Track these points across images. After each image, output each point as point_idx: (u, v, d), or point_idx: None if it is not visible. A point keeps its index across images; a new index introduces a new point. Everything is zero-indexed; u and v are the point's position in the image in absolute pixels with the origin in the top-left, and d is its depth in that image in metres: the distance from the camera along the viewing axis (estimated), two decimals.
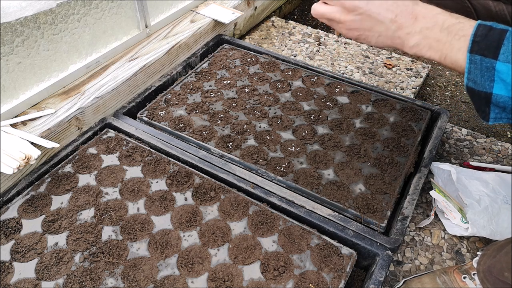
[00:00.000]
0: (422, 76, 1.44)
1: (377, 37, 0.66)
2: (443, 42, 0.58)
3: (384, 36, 0.65)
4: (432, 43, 0.60)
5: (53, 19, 1.04)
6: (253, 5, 1.61)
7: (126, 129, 1.10)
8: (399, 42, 0.64)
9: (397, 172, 1.02)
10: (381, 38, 0.66)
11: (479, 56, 0.53)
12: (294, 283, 0.80)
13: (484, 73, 0.54)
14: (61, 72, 1.12)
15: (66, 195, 0.94)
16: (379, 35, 0.65)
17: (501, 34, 0.53)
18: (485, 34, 0.54)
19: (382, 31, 0.65)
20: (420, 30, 0.61)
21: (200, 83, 1.27)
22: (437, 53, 0.59)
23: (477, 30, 0.55)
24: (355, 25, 0.67)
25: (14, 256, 0.83)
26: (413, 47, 0.62)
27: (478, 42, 0.54)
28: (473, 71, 0.54)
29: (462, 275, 0.83)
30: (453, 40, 0.57)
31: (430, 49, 0.60)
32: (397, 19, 0.63)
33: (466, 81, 0.56)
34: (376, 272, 0.82)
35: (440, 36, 0.59)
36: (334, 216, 0.91)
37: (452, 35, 0.57)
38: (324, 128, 1.14)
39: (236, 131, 1.11)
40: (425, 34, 0.60)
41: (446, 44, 0.58)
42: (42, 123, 1.02)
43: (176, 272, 0.81)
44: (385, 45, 0.66)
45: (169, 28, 1.38)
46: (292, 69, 1.34)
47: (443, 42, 0.58)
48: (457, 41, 0.57)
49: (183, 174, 0.99)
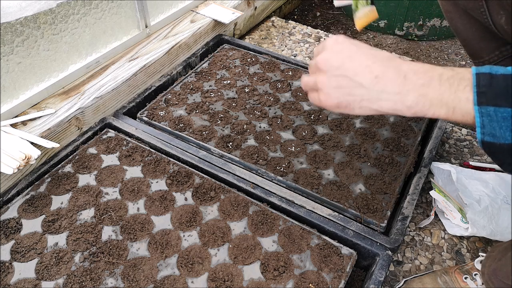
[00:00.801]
0: None
1: (359, 102, 0.56)
2: (446, 96, 0.52)
3: (368, 100, 0.56)
4: (433, 100, 0.52)
5: (53, 19, 1.04)
6: (253, 5, 1.61)
7: (126, 129, 1.10)
8: (389, 106, 0.55)
9: (397, 172, 1.02)
10: (364, 103, 0.56)
11: (492, 107, 0.48)
12: (294, 283, 0.80)
13: (502, 124, 0.48)
14: (61, 72, 1.12)
15: (66, 195, 0.94)
16: (361, 99, 0.56)
17: (506, 80, 0.48)
18: (489, 84, 0.49)
19: (364, 94, 0.56)
20: (414, 87, 0.53)
21: (200, 83, 1.27)
22: (443, 109, 0.52)
23: (478, 80, 0.50)
24: (332, 90, 0.57)
25: (14, 256, 0.83)
26: (410, 107, 0.54)
27: (484, 92, 0.49)
28: (488, 124, 0.49)
29: (463, 275, 0.83)
30: (457, 91, 0.51)
31: (432, 106, 0.53)
32: (380, 79, 0.54)
33: (480, 136, 0.50)
34: (376, 272, 0.82)
35: (441, 90, 0.52)
36: (334, 216, 0.91)
37: (455, 86, 0.51)
38: (324, 128, 1.14)
39: (236, 131, 1.11)
40: (421, 92, 0.53)
41: (451, 97, 0.51)
42: (42, 123, 1.02)
43: (176, 272, 0.81)
44: (373, 111, 0.57)
45: (169, 28, 1.38)
46: (292, 69, 1.34)
47: (447, 96, 0.52)
48: (462, 92, 0.51)
49: (183, 174, 0.99)
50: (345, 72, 0.56)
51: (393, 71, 0.54)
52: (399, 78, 0.54)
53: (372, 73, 0.55)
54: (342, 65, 0.56)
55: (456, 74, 0.52)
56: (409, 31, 1.76)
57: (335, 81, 0.57)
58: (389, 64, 0.55)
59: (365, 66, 0.55)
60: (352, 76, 0.56)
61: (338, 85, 0.57)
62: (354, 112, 0.57)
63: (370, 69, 0.55)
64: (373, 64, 0.55)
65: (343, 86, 0.57)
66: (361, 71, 0.55)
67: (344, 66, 0.56)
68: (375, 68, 0.55)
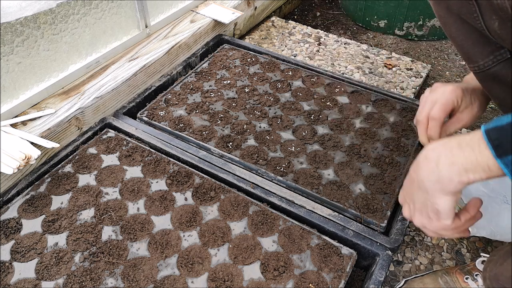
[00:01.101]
0: (422, 76, 1.44)
1: (429, 205, 0.65)
2: (474, 158, 0.56)
3: (429, 200, 0.65)
4: (465, 165, 0.58)
5: (53, 19, 1.04)
6: (253, 5, 1.61)
7: (126, 129, 1.10)
8: (440, 189, 0.62)
9: (397, 172, 1.02)
10: (429, 203, 0.65)
11: (511, 155, 0.53)
12: (294, 283, 0.80)
13: None
14: (61, 72, 1.12)
15: (66, 195, 0.94)
16: (426, 202, 0.66)
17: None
18: (499, 136, 0.54)
19: (424, 198, 0.66)
20: (444, 165, 0.60)
21: (200, 83, 1.27)
22: (479, 171, 0.57)
23: (488, 136, 0.54)
24: (414, 206, 0.68)
25: (14, 256, 0.83)
26: (452, 180, 0.60)
27: (499, 145, 0.54)
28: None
29: (464, 275, 0.83)
30: (481, 151, 0.56)
31: (468, 171, 0.58)
32: (423, 184, 0.64)
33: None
34: (376, 272, 0.82)
35: (466, 155, 0.57)
36: (334, 216, 0.91)
37: (476, 147, 0.56)
38: (324, 128, 1.14)
39: (236, 131, 1.11)
40: (450, 161, 0.60)
41: (478, 158, 0.56)
42: (42, 123, 1.02)
43: (176, 272, 0.81)
44: (440, 197, 0.64)
45: (169, 28, 1.38)
46: (292, 69, 1.34)
47: (475, 158, 0.56)
48: (484, 150, 0.55)
49: (183, 174, 0.99)
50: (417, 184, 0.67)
51: (426, 167, 0.63)
52: (432, 167, 0.62)
53: (420, 181, 0.65)
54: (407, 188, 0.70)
55: (473, 136, 0.57)
56: (409, 31, 1.76)
57: (410, 197, 0.70)
58: (420, 169, 0.64)
59: (416, 187, 0.66)
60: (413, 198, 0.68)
61: (412, 196, 0.68)
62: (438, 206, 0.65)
63: (415, 180, 0.66)
64: (417, 181, 0.65)
65: (412, 193, 0.69)
66: (417, 191, 0.67)
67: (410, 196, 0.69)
68: (418, 177, 0.65)
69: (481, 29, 0.64)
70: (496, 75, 0.69)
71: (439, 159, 0.61)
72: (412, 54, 1.71)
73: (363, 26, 1.87)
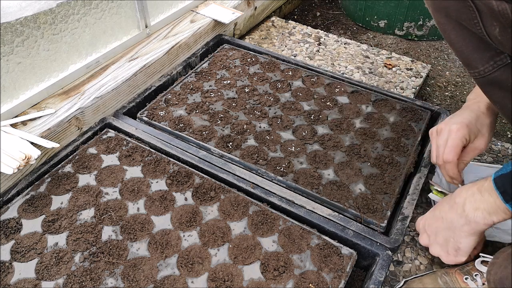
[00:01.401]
0: (422, 76, 1.44)
1: (456, 243, 0.77)
2: (492, 202, 0.65)
3: (457, 239, 0.75)
4: (487, 209, 0.66)
5: (53, 19, 1.04)
6: (253, 5, 1.61)
7: (126, 129, 1.10)
8: (469, 232, 0.72)
9: (397, 172, 1.02)
10: (458, 240, 0.76)
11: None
12: (294, 283, 0.80)
13: None
14: (61, 72, 1.12)
15: (66, 195, 0.94)
16: (454, 240, 0.76)
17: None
18: (504, 183, 0.61)
19: (453, 236, 0.76)
20: (469, 210, 0.70)
21: (200, 83, 1.27)
22: (500, 213, 0.65)
23: (496, 183, 0.63)
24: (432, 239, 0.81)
25: (14, 256, 0.83)
26: (478, 223, 0.69)
27: (505, 191, 0.61)
28: None
29: (464, 276, 0.83)
30: (496, 198, 0.64)
31: (491, 214, 0.66)
32: (452, 226, 0.75)
33: None
34: (376, 272, 0.82)
35: (485, 199, 0.66)
36: (334, 216, 0.91)
37: (494, 193, 0.65)
38: (324, 128, 1.14)
39: (236, 131, 1.11)
40: (473, 207, 0.69)
41: (497, 202, 0.64)
42: (42, 123, 1.02)
43: (176, 272, 0.81)
44: (468, 238, 0.74)
45: (169, 28, 1.38)
46: (292, 69, 1.34)
47: (493, 202, 0.65)
48: (497, 196, 0.64)
49: (183, 174, 0.99)
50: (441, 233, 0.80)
51: (455, 211, 0.73)
52: (460, 212, 0.72)
53: (447, 221, 0.76)
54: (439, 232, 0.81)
55: (489, 182, 0.65)
56: (409, 31, 1.76)
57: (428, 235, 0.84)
58: (449, 213, 0.75)
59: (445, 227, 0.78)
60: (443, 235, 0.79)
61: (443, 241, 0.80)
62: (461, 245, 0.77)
63: (445, 223, 0.77)
64: (445, 221, 0.76)
65: (435, 233, 0.82)
66: (442, 229, 0.78)
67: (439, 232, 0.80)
68: (445, 218, 0.76)
69: (482, 35, 0.64)
70: (497, 81, 0.69)
71: (464, 204, 0.70)
72: (412, 54, 1.71)
73: (363, 26, 1.88)
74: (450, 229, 0.74)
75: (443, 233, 0.76)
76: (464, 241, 0.73)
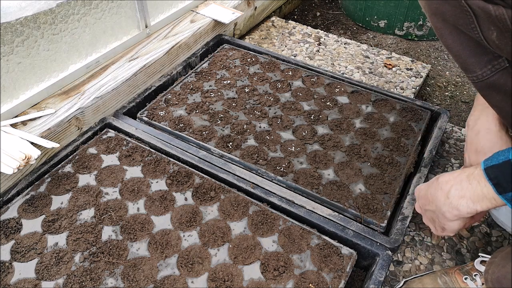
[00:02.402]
0: (422, 76, 1.44)
1: (441, 218, 0.75)
2: (479, 191, 0.64)
3: (441, 218, 0.74)
4: (472, 198, 0.65)
5: (53, 19, 1.04)
6: (253, 5, 1.61)
7: (126, 129, 1.10)
8: (452, 215, 0.71)
9: (397, 172, 1.02)
10: (441, 218, 0.74)
11: (510, 192, 0.59)
12: (294, 283, 0.80)
13: None
14: (61, 72, 1.12)
15: (66, 195, 0.94)
16: (439, 218, 0.75)
17: (508, 165, 0.59)
18: (497, 175, 0.60)
19: (438, 216, 0.75)
20: (454, 198, 0.69)
21: (200, 83, 1.27)
22: (485, 202, 0.64)
23: (488, 175, 0.61)
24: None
25: (14, 256, 0.83)
26: (461, 210, 0.68)
27: (499, 183, 0.60)
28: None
29: (463, 276, 0.83)
30: (484, 186, 0.63)
31: (476, 202, 0.65)
32: (437, 204, 0.73)
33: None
34: (376, 272, 0.82)
35: (473, 188, 0.65)
36: (334, 216, 0.91)
37: (482, 182, 0.63)
38: (324, 128, 1.14)
39: (236, 131, 1.11)
40: (460, 194, 0.68)
41: (483, 191, 0.63)
42: (42, 123, 1.02)
43: (176, 272, 0.81)
44: (451, 219, 0.73)
45: (169, 28, 1.38)
46: (292, 69, 1.34)
47: (480, 191, 0.64)
48: (485, 186, 0.63)
49: (183, 174, 0.99)
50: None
51: (441, 197, 0.72)
52: (445, 198, 0.71)
53: (434, 203, 0.75)
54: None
55: (479, 170, 0.64)
56: (409, 31, 1.76)
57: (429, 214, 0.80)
58: (436, 199, 0.74)
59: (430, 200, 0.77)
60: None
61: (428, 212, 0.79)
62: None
63: (431, 201, 0.76)
64: (432, 204, 0.76)
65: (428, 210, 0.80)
66: (429, 209, 0.78)
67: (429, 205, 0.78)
68: (433, 200, 0.75)
69: (479, 39, 0.64)
70: (495, 84, 0.69)
71: (449, 191, 0.69)
72: (412, 54, 1.71)
73: (363, 26, 1.88)
74: (435, 212, 0.74)
75: (430, 213, 0.77)
76: (449, 224, 0.73)
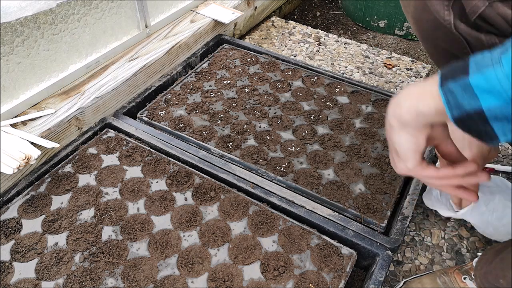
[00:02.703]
0: (422, 76, 1.44)
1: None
2: (428, 88, 0.54)
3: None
4: (417, 94, 0.56)
5: (53, 19, 1.04)
6: (253, 5, 1.61)
7: (126, 129, 1.10)
8: (401, 113, 0.60)
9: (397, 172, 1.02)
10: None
11: (452, 82, 0.50)
12: (294, 283, 0.80)
13: (464, 95, 0.49)
14: (61, 72, 1.12)
15: (66, 195, 0.94)
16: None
17: (465, 60, 0.50)
18: (449, 66, 0.51)
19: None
20: (407, 95, 0.59)
21: (200, 83, 1.27)
22: (427, 98, 0.55)
23: (442, 69, 0.53)
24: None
25: (14, 256, 0.83)
26: (409, 110, 0.57)
27: (444, 74, 0.51)
28: (451, 100, 0.50)
29: (463, 275, 0.83)
30: (433, 84, 0.53)
31: (420, 100, 0.55)
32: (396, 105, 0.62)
33: (450, 115, 0.50)
34: (376, 272, 0.82)
35: (423, 85, 0.55)
36: (334, 216, 0.91)
37: (434, 80, 0.54)
38: (324, 128, 1.14)
39: (236, 131, 1.11)
40: (408, 92, 0.58)
41: (432, 88, 0.54)
42: (42, 123, 1.02)
43: (176, 272, 0.81)
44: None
45: (169, 28, 1.38)
46: (292, 69, 1.34)
47: (429, 88, 0.54)
48: (435, 82, 0.53)
49: (183, 174, 0.99)
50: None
51: (392, 103, 0.60)
52: (394, 99, 0.60)
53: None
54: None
55: (437, 77, 0.55)
56: (409, 31, 1.76)
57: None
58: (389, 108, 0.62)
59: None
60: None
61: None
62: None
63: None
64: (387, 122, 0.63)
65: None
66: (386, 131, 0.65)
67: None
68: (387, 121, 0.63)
69: None
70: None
71: (401, 92, 0.59)
72: (412, 54, 1.71)
73: (363, 26, 1.87)
74: (387, 128, 0.64)
75: (386, 134, 0.66)
76: (397, 139, 0.61)
